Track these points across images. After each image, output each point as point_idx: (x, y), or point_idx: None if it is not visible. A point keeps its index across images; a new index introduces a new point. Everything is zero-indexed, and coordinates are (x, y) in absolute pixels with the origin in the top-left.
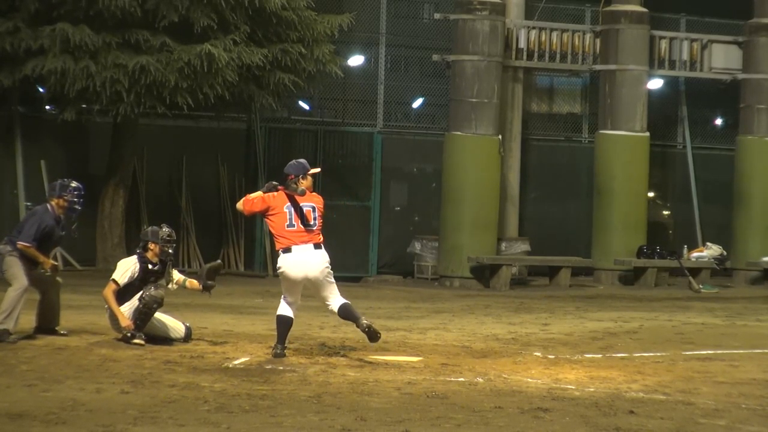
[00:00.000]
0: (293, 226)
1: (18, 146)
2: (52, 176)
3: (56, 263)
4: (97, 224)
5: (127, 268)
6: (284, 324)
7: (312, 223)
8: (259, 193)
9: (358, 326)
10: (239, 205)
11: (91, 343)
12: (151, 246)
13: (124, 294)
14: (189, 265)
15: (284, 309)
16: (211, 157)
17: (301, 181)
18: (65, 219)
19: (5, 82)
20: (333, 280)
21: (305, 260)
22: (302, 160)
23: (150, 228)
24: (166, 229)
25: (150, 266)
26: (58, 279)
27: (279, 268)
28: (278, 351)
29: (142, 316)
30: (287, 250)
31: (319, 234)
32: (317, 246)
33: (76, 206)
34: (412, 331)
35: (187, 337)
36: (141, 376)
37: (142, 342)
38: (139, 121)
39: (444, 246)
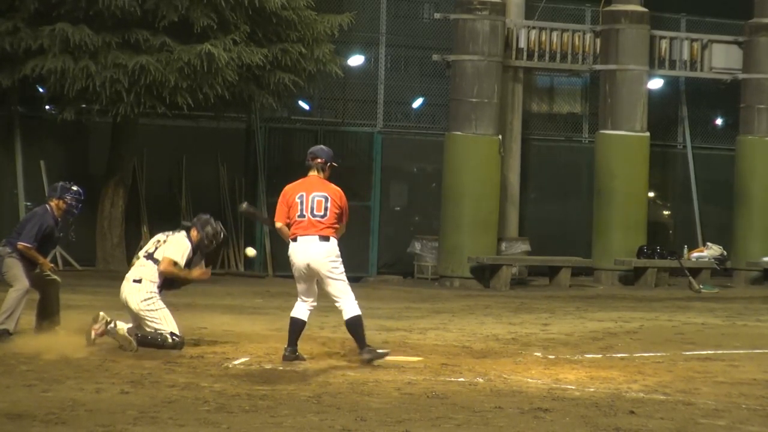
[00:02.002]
0: (303, 216)
1: (18, 146)
2: (52, 176)
3: (53, 265)
4: (97, 224)
5: (184, 252)
6: (294, 325)
7: (322, 213)
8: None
9: (359, 352)
10: (276, 226)
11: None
12: (193, 233)
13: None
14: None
15: (297, 310)
16: (211, 157)
17: (327, 169)
18: (62, 221)
19: (5, 82)
20: (340, 277)
21: (306, 249)
22: (330, 149)
23: (203, 217)
24: (211, 229)
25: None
26: (56, 278)
27: (289, 257)
28: (286, 353)
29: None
30: (294, 239)
31: (329, 227)
32: (323, 238)
33: (74, 210)
34: (412, 331)
35: (178, 346)
36: (141, 376)
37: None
38: (138, 121)
39: (444, 246)
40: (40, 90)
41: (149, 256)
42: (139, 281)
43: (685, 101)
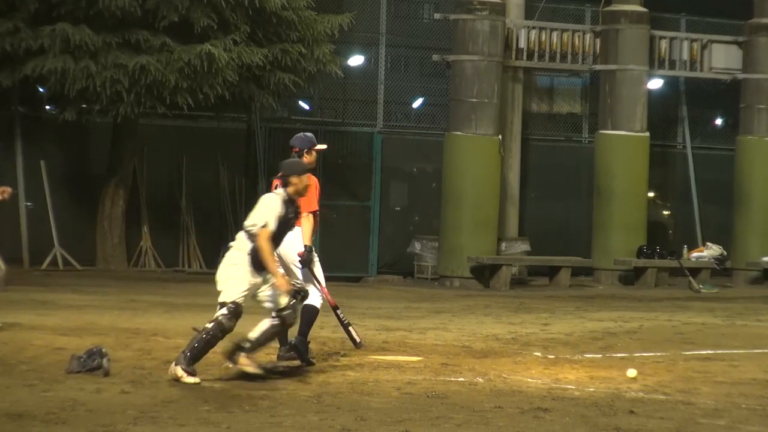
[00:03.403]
0: None
1: (18, 146)
2: (52, 176)
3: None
4: (97, 224)
5: (275, 209)
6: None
7: None
8: None
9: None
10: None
11: (91, 343)
12: (294, 180)
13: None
14: (189, 266)
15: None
16: (211, 157)
17: (305, 155)
18: None
19: (5, 82)
20: (308, 272)
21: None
22: (309, 134)
23: (289, 161)
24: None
25: (289, 210)
26: None
27: None
28: (280, 354)
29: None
30: None
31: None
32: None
33: None
34: (412, 331)
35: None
36: (141, 376)
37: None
38: (139, 121)
39: (444, 246)
40: (41, 90)
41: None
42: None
43: (685, 101)
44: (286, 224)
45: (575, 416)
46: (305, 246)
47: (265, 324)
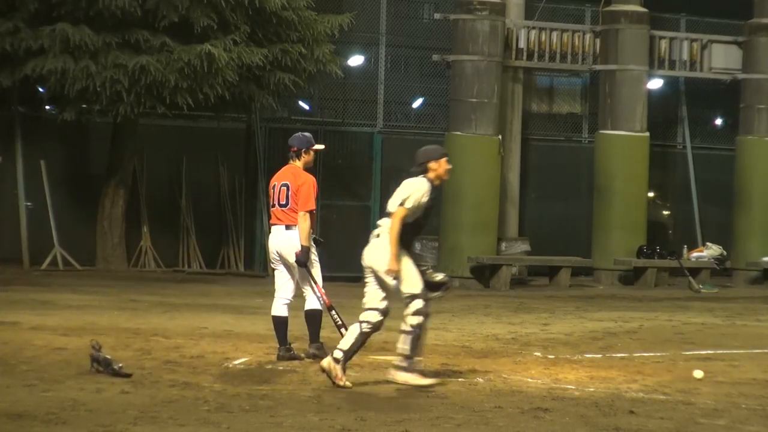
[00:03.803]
0: (273, 206)
1: (18, 146)
2: (52, 176)
3: None
4: (97, 224)
5: (419, 192)
6: (276, 324)
7: (284, 202)
8: None
9: (309, 346)
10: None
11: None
12: (433, 166)
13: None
14: (189, 266)
15: (275, 308)
16: (211, 157)
17: (303, 155)
18: None
19: (5, 82)
20: (306, 271)
21: (275, 238)
22: (308, 134)
23: (424, 148)
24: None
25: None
26: None
27: None
28: (280, 353)
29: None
30: (270, 229)
31: (293, 216)
32: (288, 227)
33: None
34: None
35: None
36: (141, 376)
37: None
38: (139, 121)
39: (444, 246)
40: (41, 90)
41: None
42: (379, 236)
43: (684, 101)
44: (428, 212)
45: (575, 416)
46: (302, 246)
47: (354, 329)
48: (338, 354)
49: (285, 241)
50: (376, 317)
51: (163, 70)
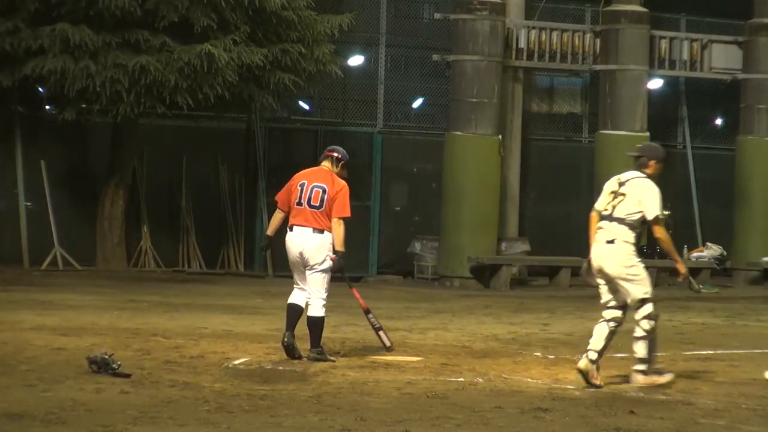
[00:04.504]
0: (300, 204)
1: (18, 146)
2: (52, 176)
3: None
4: (97, 224)
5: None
6: (290, 312)
7: (318, 204)
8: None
9: (309, 351)
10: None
11: (91, 343)
12: (653, 165)
13: None
14: (189, 266)
15: (294, 296)
16: (211, 157)
17: (342, 168)
18: None
19: (5, 82)
20: (322, 273)
21: (300, 240)
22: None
23: (648, 144)
24: None
25: None
26: None
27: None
28: (285, 339)
29: None
30: (291, 228)
31: (324, 219)
32: (317, 230)
33: None
34: (412, 331)
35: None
36: (141, 376)
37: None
38: (139, 121)
39: (444, 246)
40: (40, 90)
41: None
42: (612, 242)
43: (685, 101)
44: None
45: (575, 416)
46: (337, 252)
47: (601, 329)
48: (593, 355)
49: (312, 243)
50: (617, 314)
51: (163, 70)
